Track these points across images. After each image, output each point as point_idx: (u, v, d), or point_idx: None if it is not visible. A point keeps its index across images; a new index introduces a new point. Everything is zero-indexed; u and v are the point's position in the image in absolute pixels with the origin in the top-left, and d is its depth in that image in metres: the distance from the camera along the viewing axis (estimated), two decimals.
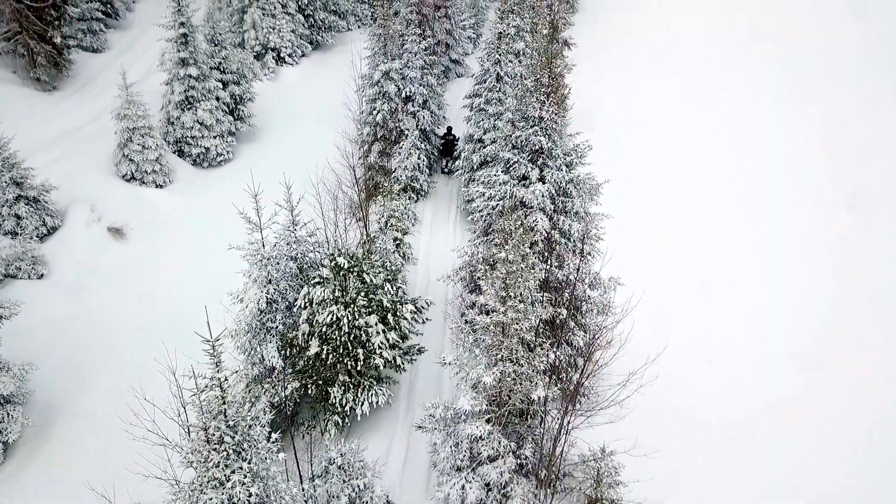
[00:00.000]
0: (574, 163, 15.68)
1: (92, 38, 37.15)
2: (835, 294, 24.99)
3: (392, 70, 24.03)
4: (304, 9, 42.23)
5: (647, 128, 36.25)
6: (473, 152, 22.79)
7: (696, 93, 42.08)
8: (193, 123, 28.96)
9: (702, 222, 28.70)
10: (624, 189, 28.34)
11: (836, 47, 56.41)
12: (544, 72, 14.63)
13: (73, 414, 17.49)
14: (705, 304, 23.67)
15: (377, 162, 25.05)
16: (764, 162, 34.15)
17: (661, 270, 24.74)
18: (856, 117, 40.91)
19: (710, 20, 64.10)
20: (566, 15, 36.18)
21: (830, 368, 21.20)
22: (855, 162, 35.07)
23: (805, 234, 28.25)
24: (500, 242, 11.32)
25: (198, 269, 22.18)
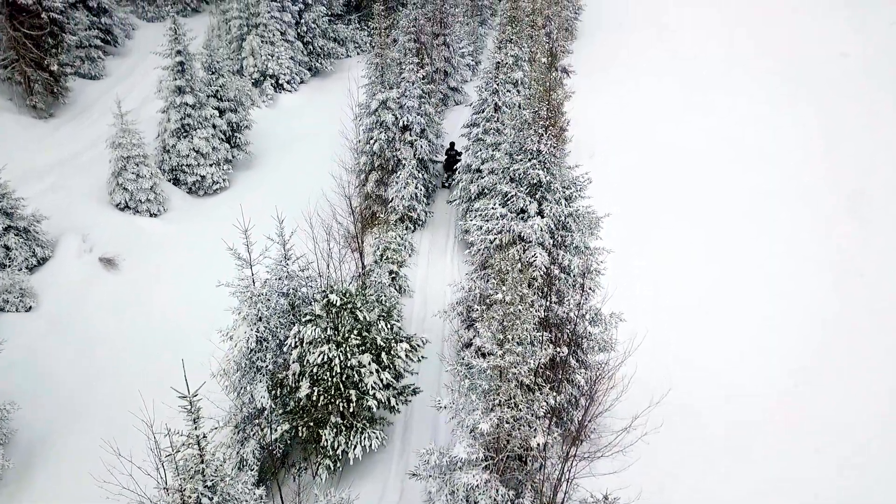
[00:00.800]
0: (573, 196, 15.30)
1: (90, 65, 37.10)
2: (834, 308, 24.91)
3: (389, 99, 23.78)
4: (302, 36, 42.30)
5: (646, 145, 36.41)
6: (471, 182, 22.44)
7: (695, 109, 42.51)
8: (189, 151, 28.70)
9: (701, 239, 28.69)
10: (622, 207, 28.16)
11: (836, 61, 57.41)
12: (543, 104, 14.30)
13: (57, 456, 16.89)
14: (705, 322, 23.57)
15: (374, 191, 24.70)
16: (763, 177, 34.29)
17: (660, 288, 24.79)
18: (855, 130, 41.34)
19: (709, 36, 64.93)
20: (564, 43, 36.12)
21: (830, 383, 21.22)
22: (854, 175, 35.25)
23: (804, 249, 28.24)
24: (496, 282, 10.85)
25: (190, 302, 21.71)
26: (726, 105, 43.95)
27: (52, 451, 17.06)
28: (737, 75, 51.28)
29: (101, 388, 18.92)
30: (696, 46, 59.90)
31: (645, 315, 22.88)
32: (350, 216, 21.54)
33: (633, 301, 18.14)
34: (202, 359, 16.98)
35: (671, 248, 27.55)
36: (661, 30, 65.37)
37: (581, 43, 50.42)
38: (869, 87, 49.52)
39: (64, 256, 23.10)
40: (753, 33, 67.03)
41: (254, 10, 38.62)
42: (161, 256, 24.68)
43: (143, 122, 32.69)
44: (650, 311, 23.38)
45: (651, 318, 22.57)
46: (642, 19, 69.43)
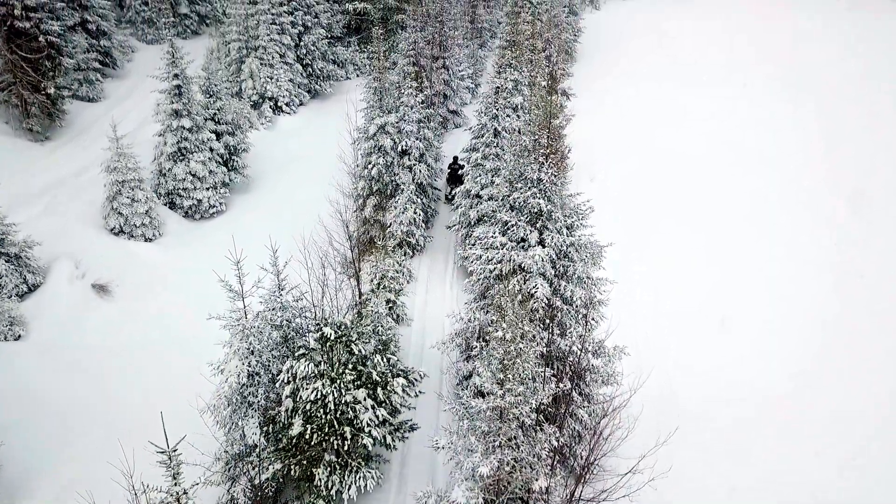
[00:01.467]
0: (575, 225, 14.90)
1: (88, 87, 36.98)
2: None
3: (388, 124, 23.50)
4: (302, 58, 42.24)
5: (646, 152, 36.84)
6: (471, 208, 22.07)
7: (696, 113, 43.57)
8: (186, 175, 28.38)
9: (701, 243, 29.03)
10: (622, 214, 29.79)
11: (836, 64, 59.26)
12: (543, 132, 13.95)
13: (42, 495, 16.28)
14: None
15: (372, 216, 24.33)
16: (763, 181, 34.84)
17: (660, 293, 25.07)
18: (855, 132, 42.32)
19: (709, 42, 66.61)
20: (565, 65, 35.98)
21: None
22: (855, 176, 36.07)
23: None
24: (496, 319, 10.41)
25: (183, 332, 21.23)
26: (727, 109, 45.00)
27: (38, 489, 16.47)
28: (737, 80, 52.36)
29: (90, 423, 18.35)
30: (697, 52, 61.67)
31: (645, 320, 23.42)
32: (347, 242, 21.20)
33: (633, 307, 18.39)
34: (193, 392, 16.58)
35: (671, 253, 27.94)
36: (661, 37, 66.88)
37: (580, 64, 50.60)
38: (869, 89, 51.30)
39: (56, 283, 22.65)
40: (754, 39, 69.22)
41: (253, 33, 38.61)
42: (155, 283, 24.23)
43: (140, 144, 32.51)
44: (650, 316, 24.02)
45: (651, 324, 23.56)
46: (642, 27, 70.85)
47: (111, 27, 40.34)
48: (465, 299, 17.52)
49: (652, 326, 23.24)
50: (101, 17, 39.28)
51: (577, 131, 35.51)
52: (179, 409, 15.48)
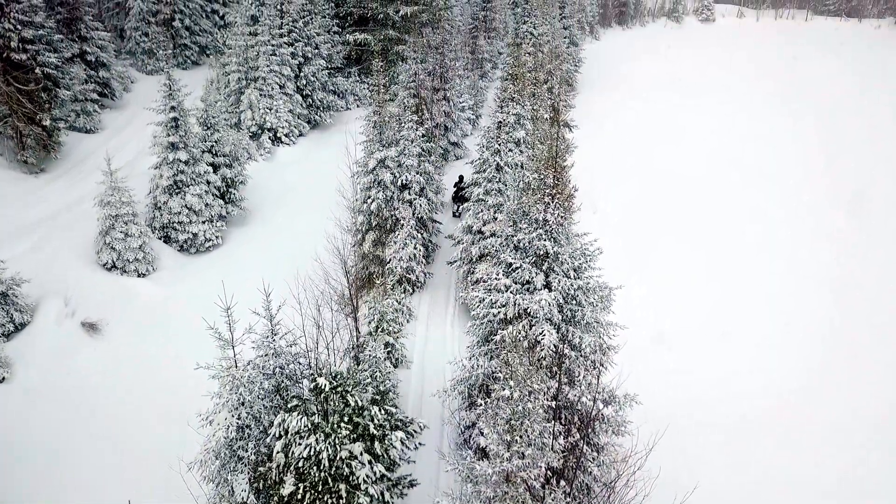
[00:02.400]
0: (583, 267, 14.23)
1: (85, 118, 36.61)
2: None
3: (388, 158, 22.99)
4: (302, 89, 42.00)
5: (646, 171, 37.81)
6: (473, 244, 21.43)
7: (696, 132, 45.44)
8: (181, 208, 27.81)
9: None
10: (623, 235, 30.04)
11: (835, 78, 62.44)
12: (549, 171, 13.36)
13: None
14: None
15: (371, 251, 23.69)
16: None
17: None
18: (854, 145, 44.93)
19: (707, 63, 69.62)
20: (566, 97, 35.69)
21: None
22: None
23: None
24: (503, 376, 9.68)
25: (175, 373, 20.40)
26: (726, 126, 47.53)
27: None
28: (737, 96, 53.74)
29: (76, 470, 17.49)
30: (696, 73, 64.85)
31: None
32: (345, 279, 20.54)
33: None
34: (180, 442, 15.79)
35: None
36: (660, 62, 69.76)
37: (581, 93, 50.64)
38: (867, 102, 52.85)
39: (43, 322, 21.91)
40: (752, 57, 72.92)
41: (253, 64, 38.40)
42: (147, 320, 23.49)
43: (136, 176, 32.04)
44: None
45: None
46: (641, 54, 73.34)
47: (110, 58, 40.15)
48: (467, 341, 16.77)
49: (653, 346, 23.40)
50: (100, 48, 39.13)
51: (578, 159, 35.20)
52: (166, 458, 14.73)
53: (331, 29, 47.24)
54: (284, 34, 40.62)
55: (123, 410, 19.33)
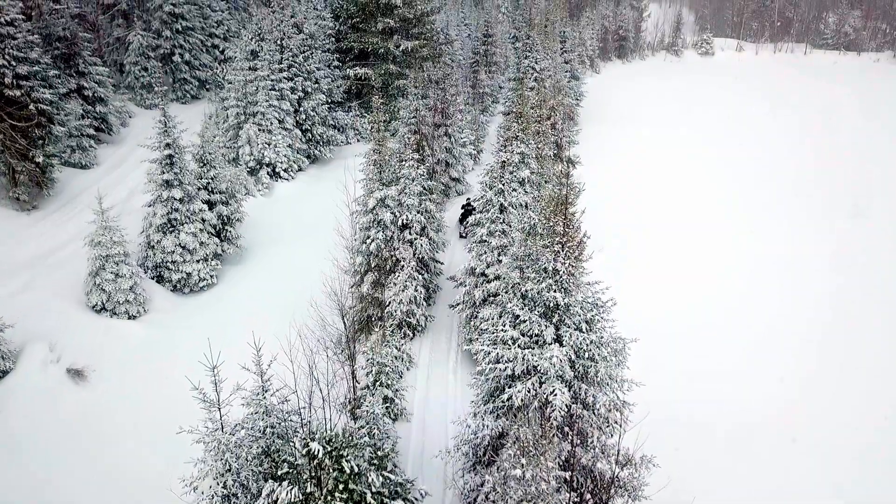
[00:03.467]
0: (595, 319, 13.33)
1: (81, 154, 36.06)
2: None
3: (388, 197, 22.25)
4: (301, 124, 41.58)
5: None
6: (476, 287, 20.54)
7: (700, 159, 48.35)
8: (175, 247, 27.00)
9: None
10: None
11: (837, 102, 69.76)
12: (558, 218, 12.55)
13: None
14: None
15: (370, 293, 22.79)
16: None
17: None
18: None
19: (707, 92, 73.53)
20: (570, 133, 35.16)
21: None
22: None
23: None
24: (514, 454, 8.73)
25: (161, 426, 19.30)
26: (729, 151, 50.52)
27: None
28: (740, 124, 59.18)
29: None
30: (699, 101, 68.88)
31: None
32: (342, 323, 19.63)
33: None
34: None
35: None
36: (661, 92, 73.17)
37: (583, 127, 50.28)
38: (865, 123, 59.32)
39: (26, 369, 20.89)
40: (755, 86, 79.22)
41: (252, 99, 38.00)
42: (136, 367, 22.48)
43: (130, 213, 31.37)
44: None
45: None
46: (642, 86, 77.92)
47: (108, 93, 39.77)
48: (470, 395, 15.78)
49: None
50: (98, 83, 38.77)
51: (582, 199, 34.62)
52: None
53: (331, 63, 47.09)
54: (284, 69, 40.35)
55: (104, 465, 18.24)
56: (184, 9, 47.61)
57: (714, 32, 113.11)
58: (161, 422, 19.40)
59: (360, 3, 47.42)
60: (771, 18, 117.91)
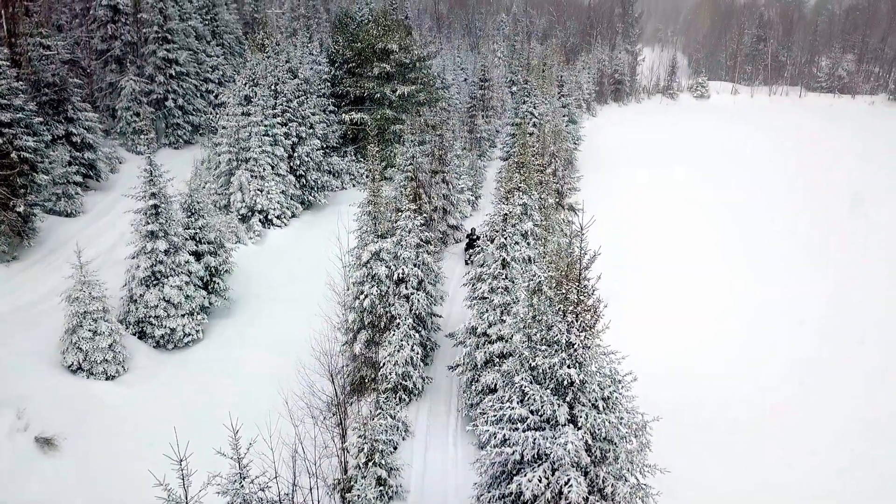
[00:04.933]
0: (613, 396, 11.95)
1: (66, 202, 34.89)
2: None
3: (383, 250, 21.01)
4: (295, 169, 40.65)
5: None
6: (477, 348, 19.14)
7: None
8: (159, 301, 25.59)
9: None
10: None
11: (835, 139, 73.48)
12: (572, 285, 11.28)
13: None
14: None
15: (363, 353, 21.35)
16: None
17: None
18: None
19: (708, 132, 75.73)
20: (572, 180, 34.22)
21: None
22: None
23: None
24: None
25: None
26: (727, 190, 52.29)
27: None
28: (740, 163, 61.49)
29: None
30: (696, 142, 71.23)
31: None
32: (332, 387, 18.15)
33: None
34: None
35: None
36: (656, 133, 76.05)
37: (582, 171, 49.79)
38: (860, 161, 61.89)
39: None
40: (751, 126, 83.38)
41: (244, 145, 37.07)
42: (112, 433, 20.86)
43: (114, 264, 30.04)
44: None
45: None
46: (638, 128, 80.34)
47: (97, 139, 38.85)
48: (473, 475, 14.26)
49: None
50: (87, 129, 37.87)
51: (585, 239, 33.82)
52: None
53: (327, 108, 46.48)
54: (278, 114, 39.62)
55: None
56: (178, 54, 47.17)
57: (708, 76, 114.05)
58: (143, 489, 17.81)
59: (356, 49, 47.06)
60: (764, 62, 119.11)
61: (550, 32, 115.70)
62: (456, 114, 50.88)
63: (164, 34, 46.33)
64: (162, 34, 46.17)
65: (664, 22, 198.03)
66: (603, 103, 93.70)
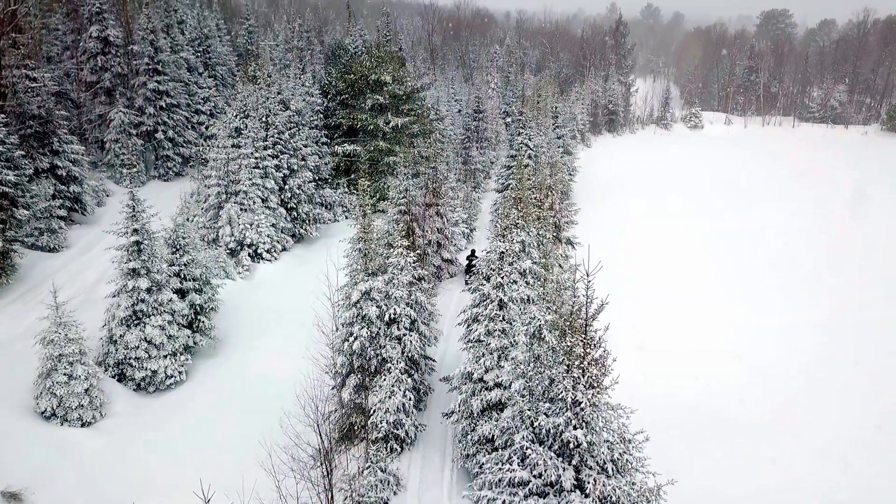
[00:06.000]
0: (625, 459, 10.88)
1: (49, 236, 33.87)
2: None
3: (374, 289, 20.01)
4: (286, 202, 39.78)
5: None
6: (473, 395, 18.02)
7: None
8: (139, 342, 24.44)
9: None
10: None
11: (832, 164, 75.23)
12: (577, 336, 10.29)
13: None
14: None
15: (352, 399, 20.21)
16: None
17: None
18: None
19: (704, 161, 76.99)
20: (570, 212, 33.45)
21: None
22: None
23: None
24: None
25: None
26: (725, 219, 52.96)
27: None
28: (737, 191, 62.61)
29: None
30: (692, 171, 72.77)
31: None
32: (320, 445, 17.00)
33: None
34: None
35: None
36: (652, 163, 75.97)
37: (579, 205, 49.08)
38: (855, 189, 62.22)
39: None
40: (747, 155, 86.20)
41: (234, 178, 36.20)
42: (84, 486, 19.55)
43: (95, 303, 28.89)
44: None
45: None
46: (633, 158, 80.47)
47: (83, 172, 38.00)
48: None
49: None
50: (72, 161, 37.04)
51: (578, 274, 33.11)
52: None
53: (319, 140, 45.84)
54: (269, 146, 38.88)
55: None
56: (169, 86, 46.64)
57: (701, 106, 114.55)
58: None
59: (349, 80, 46.62)
60: (757, 92, 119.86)
61: (544, 64, 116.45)
62: (450, 145, 50.35)
63: (155, 66, 45.84)
64: (153, 66, 45.68)
65: (655, 53, 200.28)
66: (597, 134, 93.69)
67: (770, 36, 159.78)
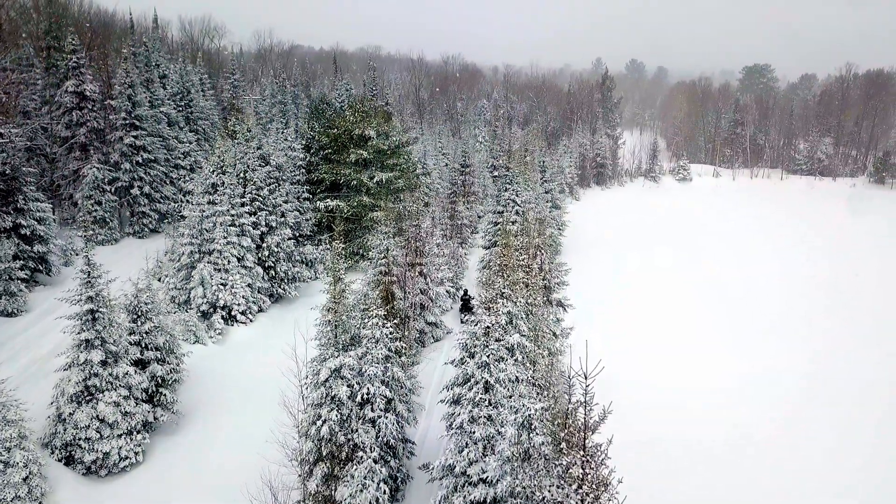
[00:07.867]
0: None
1: (8, 300, 31.81)
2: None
3: (344, 366, 18.04)
4: (264, 261, 37.93)
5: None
6: (455, 490, 15.84)
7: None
8: (90, 421, 22.16)
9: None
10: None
11: (826, 209, 78.75)
12: (576, 452, 8.39)
13: None
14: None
15: (320, 490, 17.96)
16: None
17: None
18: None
19: (693, 215, 78.13)
20: (560, 273, 31.78)
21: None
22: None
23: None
24: None
25: None
26: (712, 267, 53.71)
27: None
28: (728, 240, 63.44)
29: None
30: (682, 224, 72.16)
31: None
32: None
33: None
34: None
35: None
36: (641, 215, 74.32)
37: (569, 260, 47.54)
38: (848, 237, 63.96)
39: None
40: (737, 206, 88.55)
41: (208, 236, 34.41)
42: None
43: (47, 375, 26.52)
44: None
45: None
46: (622, 210, 79.35)
47: (49, 231, 36.03)
48: None
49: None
50: (38, 220, 35.16)
51: (577, 340, 31.31)
52: None
53: (301, 195, 44.36)
54: (247, 203, 37.32)
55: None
56: (146, 140, 45.28)
57: (689, 158, 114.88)
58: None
59: (332, 135, 45.49)
60: (743, 145, 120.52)
61: (531, 117, 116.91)
62: (437, 199, 49.04)
63: (133, 120, 44.57)
64: (130, 120, 44.41)
65: (641, 107, 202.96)
66: (586, 187, 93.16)
67: (753, 90, 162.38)
